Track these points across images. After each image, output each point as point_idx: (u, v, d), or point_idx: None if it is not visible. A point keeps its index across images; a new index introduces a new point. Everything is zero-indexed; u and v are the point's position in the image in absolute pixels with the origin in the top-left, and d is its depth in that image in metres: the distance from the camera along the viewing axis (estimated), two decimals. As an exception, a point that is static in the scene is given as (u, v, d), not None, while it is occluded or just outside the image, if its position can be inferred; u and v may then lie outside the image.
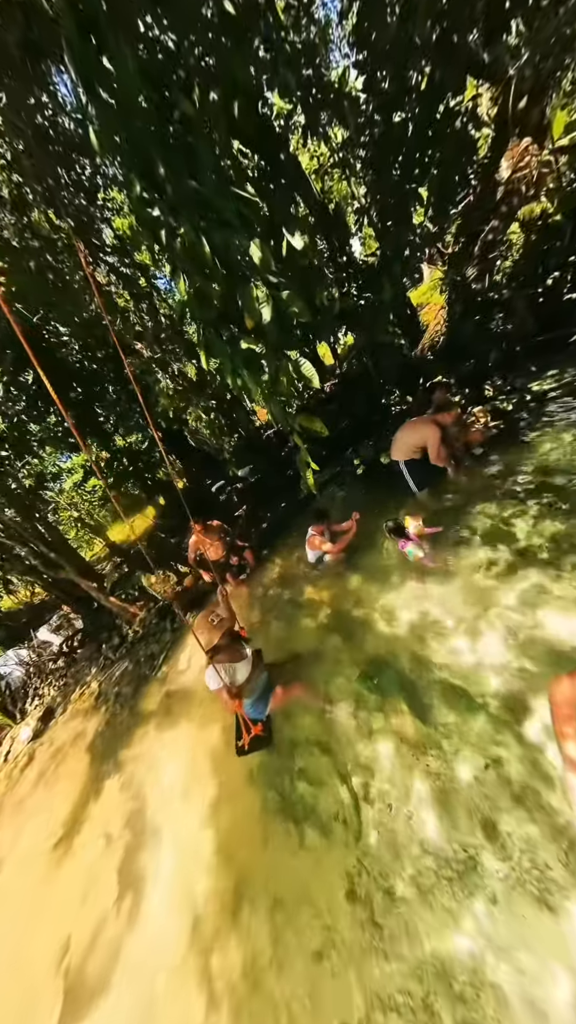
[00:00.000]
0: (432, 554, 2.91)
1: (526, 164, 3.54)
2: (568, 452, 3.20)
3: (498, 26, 3.41)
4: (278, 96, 4.73)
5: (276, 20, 2.56)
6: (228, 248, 1.03)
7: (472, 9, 3.51)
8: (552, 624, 2.06)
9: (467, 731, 1.90)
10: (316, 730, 2.37)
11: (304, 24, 4.48)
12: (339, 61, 5.53)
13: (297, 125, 5.36)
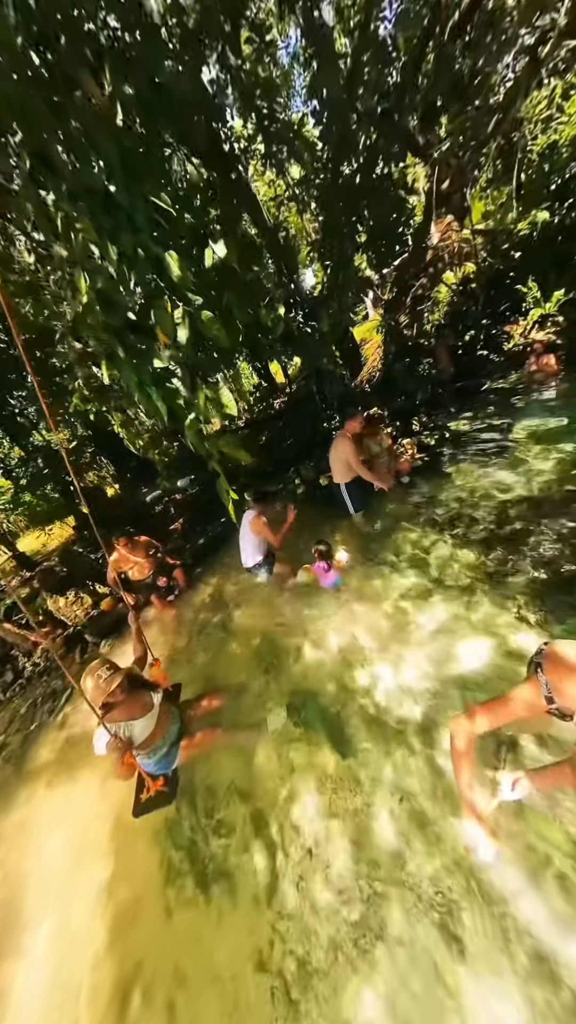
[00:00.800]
0: (336, 584, 3.01)
1: (449, 237, 4.08)
2: (479, 486, 3.62)
3: (431, 117, 3.97)
4: (239, 121, 4.83)
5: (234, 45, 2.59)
6: (139, 256, 0.91)
7: (412, 97, 4.04)
8: (462, 650, 2.22)
9: (385, 763, 1.91)
10: (235, 773, 2.18)
11: (267, 62, 4.70)
12: (300, 107, 5.88)
13: (257, 153, 5.53)
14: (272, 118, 3.69)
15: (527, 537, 2.73)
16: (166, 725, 1.92)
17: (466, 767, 1.12)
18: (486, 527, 3.03)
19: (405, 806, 1.72)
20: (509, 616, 2.26)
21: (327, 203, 3.79)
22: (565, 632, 2.04)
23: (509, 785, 1.19)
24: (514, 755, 1.67)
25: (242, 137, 5.13)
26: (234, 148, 5.12)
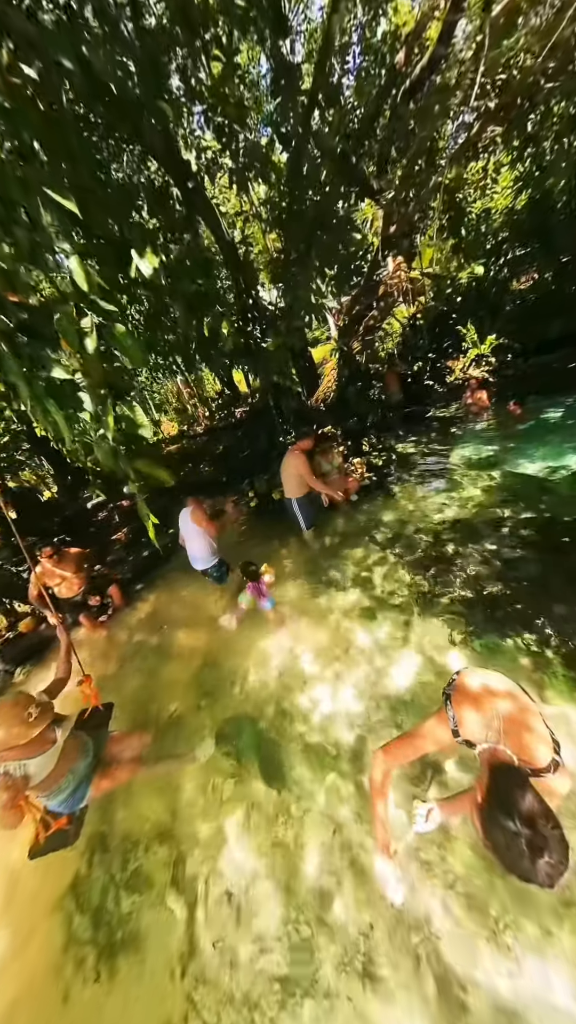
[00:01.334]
0: (268, 602, 2.95)
1: (398, 276, 4.41)
2: (419, 508, 3.85)
3: (383, 166, 4.31)
4: (209, 134, 4.83)
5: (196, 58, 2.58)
6: (37, 255, 0.82)
7: (369, 144, 4.37)
8: (396, 669, 2.28)
9: (318, 791, 1.86)
10: (157, 812, 2.00)
11: (235, 83, 4.78)
12: (267, 131, 6.03)
13: (225, 166, 5.56)
14: (235, 137, 3.75)
15: (457, 558, 2.94)
16: (73, 760, 1.69)
17: (380, 803, 1.11)
18: (423, 547, 3.21)
19: (337, 839, 1.69)
20: (438, 635, 2.38)
21: (286, 227, 3.91)
22: (483, 647, 2.20)
23: (423, 816, 1.20)
24: (439, 778, 1.73)
25: (210, 148, 5.13)
26: (201, 157, 5.11)
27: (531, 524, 3.02)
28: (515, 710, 0.98)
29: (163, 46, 2.85)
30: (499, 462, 4.22)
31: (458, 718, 1.02)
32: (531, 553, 2.74)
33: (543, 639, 2.11)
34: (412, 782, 1.73)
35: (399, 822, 1.57)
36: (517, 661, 2.05)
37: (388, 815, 1.10)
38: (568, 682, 1.88)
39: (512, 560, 2.74)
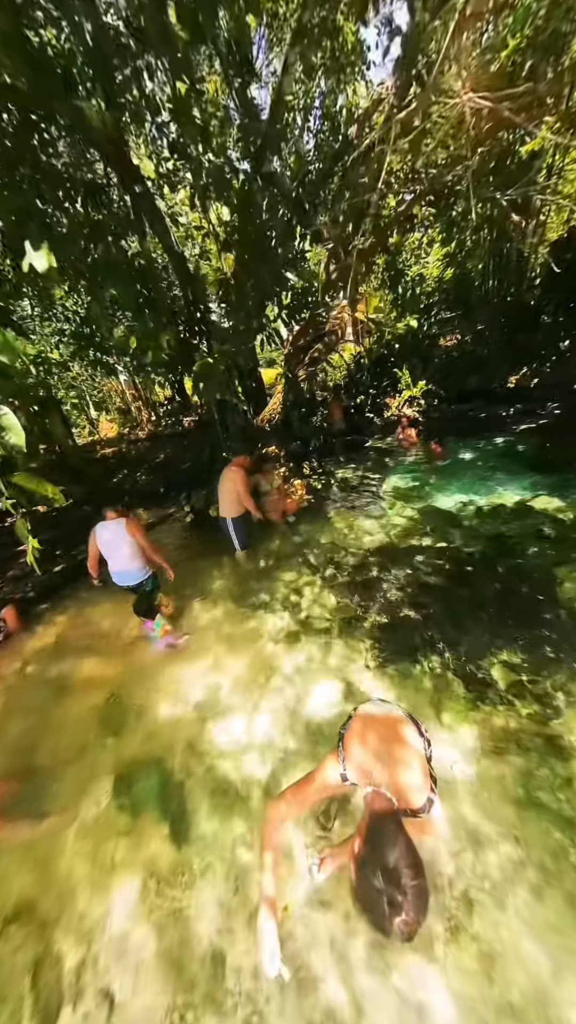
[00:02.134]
0: (178, 635, 2.87)
1: (341, 318, 4.79)
2: (351, 532, 4.04)
3: (335, 219, 4.73)
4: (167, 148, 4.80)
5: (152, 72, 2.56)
6: None
7: (324, 196, 4.77)
8: (317, 697, 2.26)
9: (224, 839, 1.71)
10: (24, 886, 1.65)
11: (203, 106, 4.88)
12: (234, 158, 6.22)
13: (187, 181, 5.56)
14: (196, 157, 3.80)
15: (379, 583, 3.10)
16: None
17: (270, 856, 1.04)
18: (351, 571, 3.34)
19: (239, 897, 1.54)
20: (357, 660, 2.45)
21: (241, 251, 4.01)
22: (395, 672, 2.30)
23: (315, 867, 1.16)
24: (345, 819, 1.70)
25: (170, 160, 5.10)
26: (161, 166, 5.05)
27: (442, 553, 3.34)
28: (403, 750, 1.01)
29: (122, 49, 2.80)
30: (422, 494, 4.67)
31: (347, 759, 1.02)
32: (441, 581, 3.02)
33: (445, 663, 2.29)
34: (318, 824, 1.68)
35: (294, 873, 1.50)
36: (423, 685, 2.18)
37: (275, 869, 1.03)
38: (464, 703, 2.05)
39: (425, 586, 2.98)
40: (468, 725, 1.93)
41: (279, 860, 1.06)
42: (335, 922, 1.39)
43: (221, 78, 4.96)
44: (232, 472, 3.39)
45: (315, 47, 4.08)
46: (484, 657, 2.27)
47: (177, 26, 2.54)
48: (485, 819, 1.57)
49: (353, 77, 5.22)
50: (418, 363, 7.79)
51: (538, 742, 1.79)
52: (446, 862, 1.47)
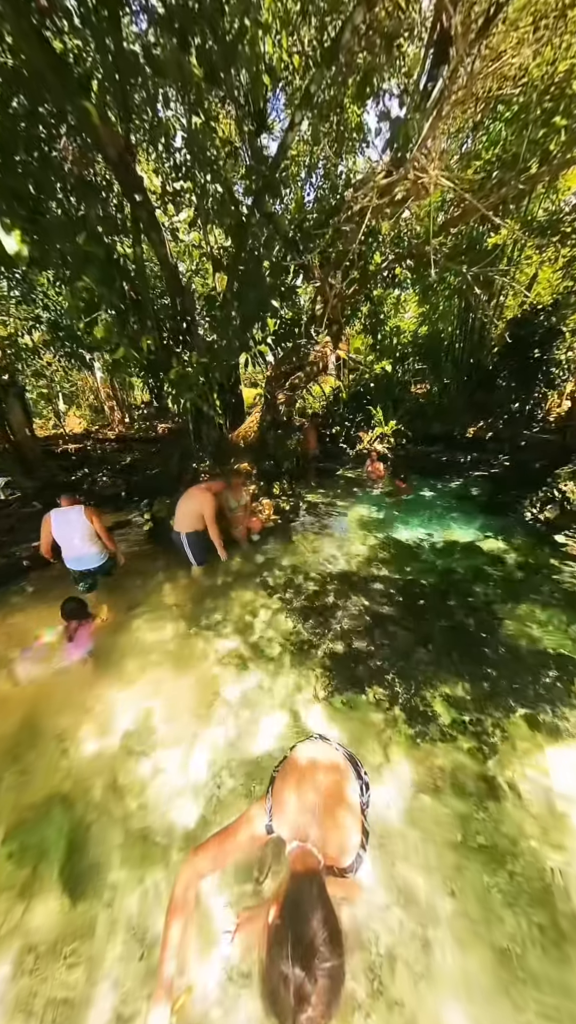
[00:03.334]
0: (81, 651, 2.64)
1: (324, 353, 5.07)
2: (313, 556, 4.04)
3: (325, 264, 5.12)
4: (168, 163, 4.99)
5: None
6: None
7: (318, 239, 5.16)
8: (260, 727, 2.12)
9: (132, 896, 1.48)
10: None
11: (213, 138, 5.18)
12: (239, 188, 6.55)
13: (188, 199, 5.76)
14: (203, 183, 4.00)
15: (335, 611, 3.09)
16: None
17: (177, 924, 0.88)
18: (308, 596, 3.31)
19: (143, 965, 1.31)
20: (306, 689, 2.36)
21: (234, 274, 4.16)
22: (343, 704, 2.25)
23: (229, 938, 1.01)
24: (277, 871, 1.55)
25: (175, 180, 5.27)
26: (166, 184, 5.21)
27: (397, 585, 3.43)
28: (338, 805, 0.91)
29: (142, 74, 2.93)
30: (384, 525, 4.85)
31: (276, 808, 0.91)
32: (394, 611, 3.07)
33: (392, 695, 2.28)
34: (248, 878, 1.52)
35: (210, 941, 1.32)
36: (369, 718, 2.14)
37: (183, 943, 0.88)
38: (407, 738, 2.03)
39: (379, 616, 3.01)
40: (409, 761, 1.90)
41: (188, 930, 0.91)
42: (256, 1002, 1.23)
43: (234, 121, 5.34)
44: (202, 494, 3.28)
45: (322, 119, 4.56)
46: (428, 691, 2.29)
47: (196, 68, 2.73)
48: (419, 868, 1.51)
49: (353, 150, 5.88)
50: (390, 404, 8.37)
51: (476, 782, 1.79)
52: (373, 917, 1.38)
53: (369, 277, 5.27)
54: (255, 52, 2.85)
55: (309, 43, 3.32)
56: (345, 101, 4.50)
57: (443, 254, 4.81)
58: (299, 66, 3.59)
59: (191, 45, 2.51)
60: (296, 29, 3.28)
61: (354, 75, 3.17)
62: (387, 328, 8.70)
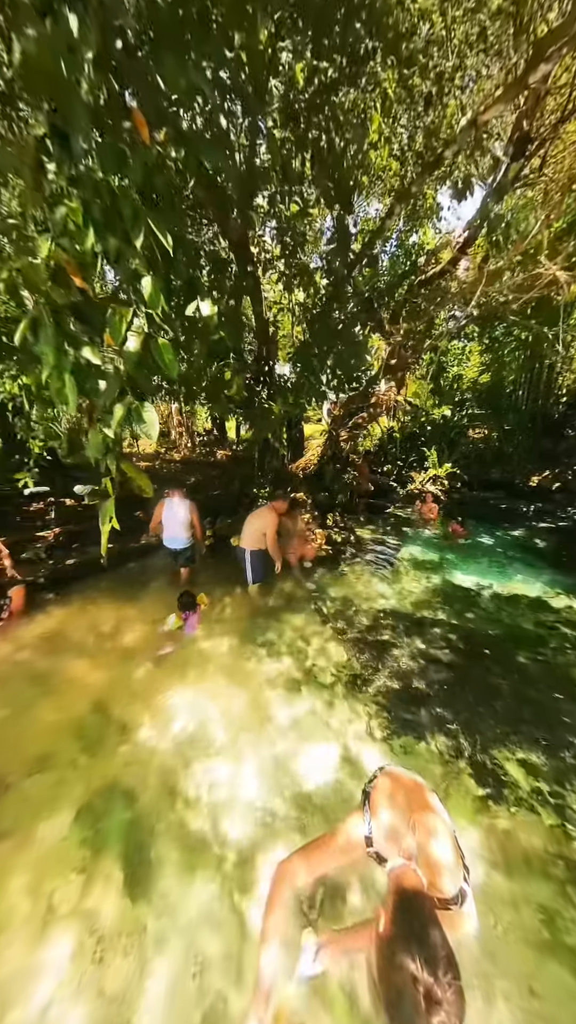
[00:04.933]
0: (194, 628, 3.11)
1: (388, 396, 5.34)
2: (364, 590, 4.01)
3: (394, 320, 5.55)
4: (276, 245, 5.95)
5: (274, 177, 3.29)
6: (115, 249, 0.93)
7: (389, 302, 5.67)
8: (313, 757, 2.08)
9: (186, 906, 1.49)
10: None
11: (305, 223, 6.11)
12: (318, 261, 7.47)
13: (278, 267, 6.74)
14: (293, 255, 4.75)
15: (390, 648, 3.01)
16: None
17: (274, 927, 0.88)
18: (361, 629, 3.27)
19: (196, 983, 1.29)
20: (359, 725, 2.30)
21: (312, 328, 4.70)
22: (400, 748, 2.14)
23: (312, 954, 0.99)
24: (333, 904, 1.49)
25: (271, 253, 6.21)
26: (262, 254, 6.19)
27: (457, 631, 3.26)
28: (433, 824, 0.88)
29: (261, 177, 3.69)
30: (438, 568, 4.68)
31: (374, 819, 0.92)
32: (455, 659, 2.91)
33: (456, 748, 2.13)
34: (301, 907, 1.47)
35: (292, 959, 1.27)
36: (430, 768, 2.01)
37: (278, 950, 0.86)
38: (474, 800, 1.86)
39: (438, 662, 2.87)
40: (476, 828, 1.74)
41: (285, 932, 0.91)
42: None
43: (325, 206, 6.28)
44: (268, 513, 3.55)
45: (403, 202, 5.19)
46: (499, 751, 2.11)
47: (307, 172, 3.38)
48: (493, 959, 1.34)
49: (427, 224, 6.51)
50: (445, 447, 8.32)
51: (561, 867, 1.58)
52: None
53: (435, 332, 5.60)
54: (360, 161, 3.46)
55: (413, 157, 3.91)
56: (426, 189, 5.11)
57: (513, 312, 5.00)
58: (397, 171, 4.22)
59: (305, 153, 3.15)
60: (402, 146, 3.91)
61: (441, 170, 3.66)
62: (448, 376, 8.90)
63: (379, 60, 2.55)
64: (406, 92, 3.02)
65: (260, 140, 2.89)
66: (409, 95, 3.04)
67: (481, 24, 2.81)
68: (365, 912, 1.40)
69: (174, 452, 11.89)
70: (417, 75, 2.81)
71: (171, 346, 1.00)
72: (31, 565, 4.18)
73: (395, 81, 2.89)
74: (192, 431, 13.68)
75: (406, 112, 3.36)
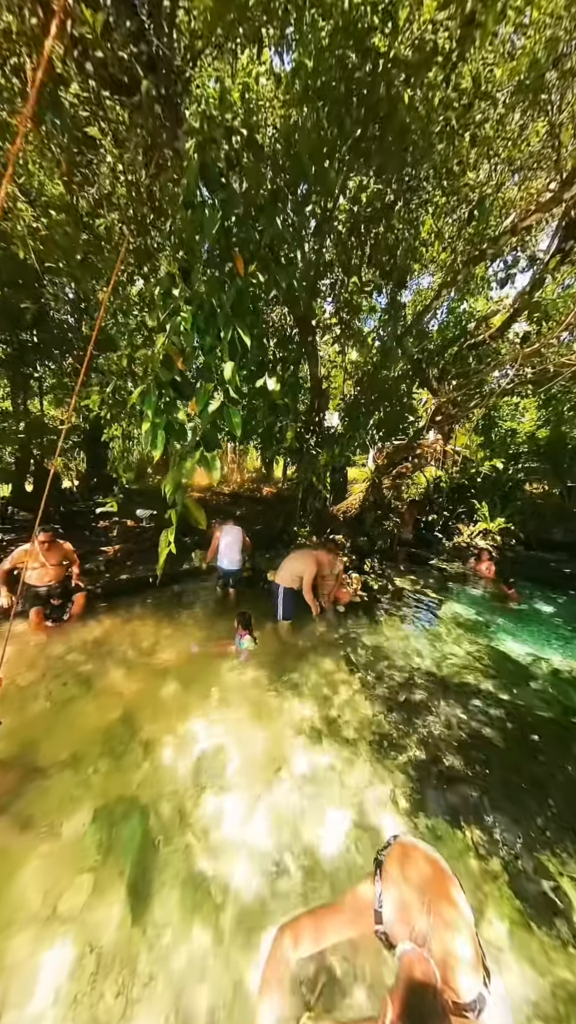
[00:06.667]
0: (248, 655, 3.23)
1: (434, 448, 5.41)
2: (399, 644, 3.80)
3: (443, 379, 5.79)
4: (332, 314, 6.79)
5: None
6: (209, 344, 1.27)
7: (437, 361, 5.97)
8: (327, 817, 1.96)
9: (179, 953, 1.44)
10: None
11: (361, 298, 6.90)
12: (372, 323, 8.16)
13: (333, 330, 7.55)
14: (350, 324, 5.37)
15: (423, 712, 2.78)
16: None
17: (270, 1004, 0.83)
18: (393, 685, 3.07)
19: None
20: (382, 791, 2.12)
21: (363, 385, 5.10)
22: (427, 828, 1.91)
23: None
24: (332, 992, 1.34)
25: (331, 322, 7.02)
26: (321, 321, 7.04)
27: (503, 706, 2.91)
28: (451, 915, 0.78)
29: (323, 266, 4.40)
30: (486, 632, 4.28)
31: (386, 892, 0.83)
32: (499, 738, 2.58)
33: (493, 846, 1.85)
34: (300, 988, 1.33)
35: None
36: (464, 860, 1.76)
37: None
38: (517, 914, 1.58)
39: (480, 738, 2.57)
40: (518, 955, 1.46)
41: (282, 1013, 0.83)
42: None
43: (379, 285, 7.06)
44: (310, 559, 3.69)
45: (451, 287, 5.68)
46: (548, 859, 1.78)
47: (365, 265, 3.98)
48: None
49: (476, 295, 6.93)
50: (498, 501, 7.89)
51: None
52: None
53: (485, 390, 5.69)
54: (413, 254, 4.00)
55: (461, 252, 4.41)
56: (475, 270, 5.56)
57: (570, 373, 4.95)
58: (446, 260, 4.75)
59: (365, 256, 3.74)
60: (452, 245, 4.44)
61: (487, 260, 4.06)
62: (500, 429, 8.72)
63: (432, 184, 3.07)
64: (454, 202, 3.52)
65: (327, 245, 3.54)
66: (456, 207, 3.53)
67: (521, 150, 3.26)
68: (367, 1010, 1.23)
69: (224, 486, 12.84)
70: (463, 192, 3.29)
71: (239, 411, 1.30)
72: (90, 575, 4.70)
73: (443, 198, 3.40)
74: (243, 468, 14.74)
75: (454, 222, 3.87)
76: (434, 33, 2.21)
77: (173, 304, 1.27)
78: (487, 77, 2.44)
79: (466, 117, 2.50)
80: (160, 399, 1.28)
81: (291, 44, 2.47)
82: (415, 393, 5.71)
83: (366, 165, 2.62)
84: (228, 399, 1.30)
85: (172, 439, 1.35)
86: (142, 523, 7.02)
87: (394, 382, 4.99)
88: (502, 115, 2.77)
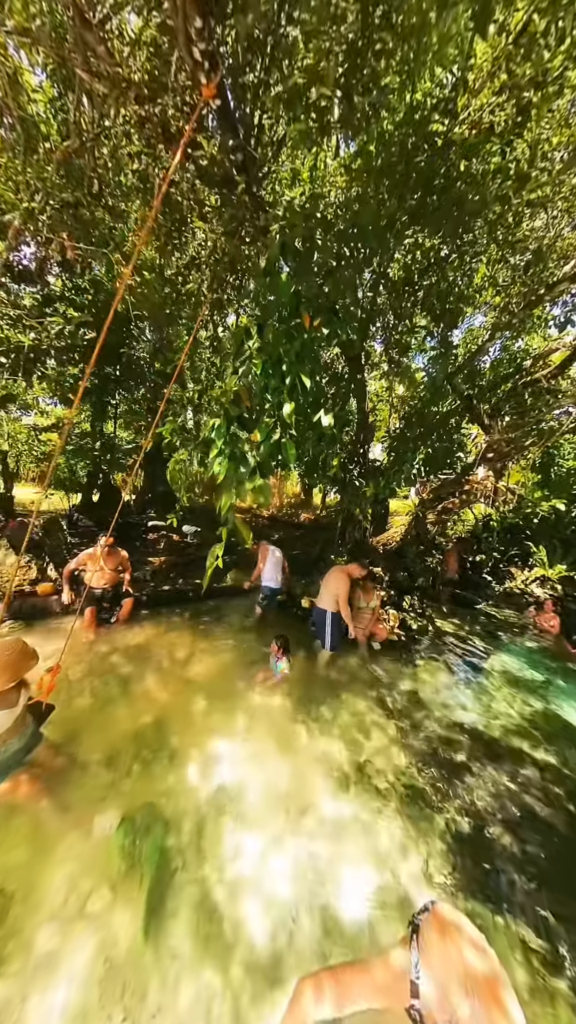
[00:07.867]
0: (284, 677, 3.24)
1: (484, 485, 5.18)
2: (439, 694, 3.51)
3: (495, 415, 5.64)
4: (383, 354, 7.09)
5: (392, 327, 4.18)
6: (274, 386, 1.46)
7: (489, 397, 5.86)
8: (348, 872, 1.82)
9: (186, 991, 1.38)
10: (12, 871, 1.66)
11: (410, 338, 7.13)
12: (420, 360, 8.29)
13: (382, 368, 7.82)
14: (398, 362, 5.56)
15: (464, 774, 2.50)
16: (13, 734, 1.64)
17: None
18: (431, 739, 2.83)
19: None
20: (413, 857, 1.92)
21: (410, 419, 5.15)
22: (467, 911, 1.65)
23: None
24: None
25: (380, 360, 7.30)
26: (370, 359, 7.36)
27: (564, 782, 2.52)
28: (497, 993, 0.69)
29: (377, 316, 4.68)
30: (541, 692, 3.79)
31: (424, 968, 0.73)
32: (557, 818, 2.23)
33: (546, 947, 1.57)
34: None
35: None
36: (509, 955, 1.52)
37: None
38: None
39: (531, 815, 2.24)
40: None
41: None
42: None
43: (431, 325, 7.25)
44: (341, 575, 3.65)
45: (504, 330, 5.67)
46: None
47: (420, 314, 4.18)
48: None
49: (532, 333, 6.78)
50: (558, 545, 7.17)
51: None
52: None
53: (544, 428, 5.42)
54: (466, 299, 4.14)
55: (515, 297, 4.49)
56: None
57: None
58: (501, 303, 4.82)
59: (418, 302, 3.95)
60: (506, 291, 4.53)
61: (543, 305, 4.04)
62: (563, 468, 8.08)
63: (486, 237, 3.22)
64: (508, 252, 3.62)
65: (381, 293, 3.82)
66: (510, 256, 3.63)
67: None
68: None
69: (262, 508, 13.23)
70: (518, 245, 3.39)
71: (293, 443, 1.46)
72: (137, 584, 5.05)
73: (497, 251, 3.52)
74: (282, 492, 15.13)
75: (508, 269, 3.95)
76: (491, 114, 2.45)
77: (247, 352, 1.51)
78: (543, 145, 2.59)
79: (521, 182, 2.65)
80: (228, 432, 1.49)
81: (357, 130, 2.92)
82: (464, 428, 5.60)
83: (422, 229, 2.87)
84: (286, 433, 1.47)
85: (234, 465, 1.55)
86: (187, 538, 7.46)
87: (442, 417, 4.97)
88: (559, 173, 2.87)
